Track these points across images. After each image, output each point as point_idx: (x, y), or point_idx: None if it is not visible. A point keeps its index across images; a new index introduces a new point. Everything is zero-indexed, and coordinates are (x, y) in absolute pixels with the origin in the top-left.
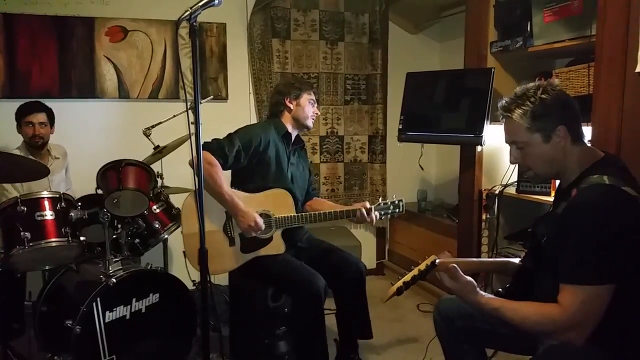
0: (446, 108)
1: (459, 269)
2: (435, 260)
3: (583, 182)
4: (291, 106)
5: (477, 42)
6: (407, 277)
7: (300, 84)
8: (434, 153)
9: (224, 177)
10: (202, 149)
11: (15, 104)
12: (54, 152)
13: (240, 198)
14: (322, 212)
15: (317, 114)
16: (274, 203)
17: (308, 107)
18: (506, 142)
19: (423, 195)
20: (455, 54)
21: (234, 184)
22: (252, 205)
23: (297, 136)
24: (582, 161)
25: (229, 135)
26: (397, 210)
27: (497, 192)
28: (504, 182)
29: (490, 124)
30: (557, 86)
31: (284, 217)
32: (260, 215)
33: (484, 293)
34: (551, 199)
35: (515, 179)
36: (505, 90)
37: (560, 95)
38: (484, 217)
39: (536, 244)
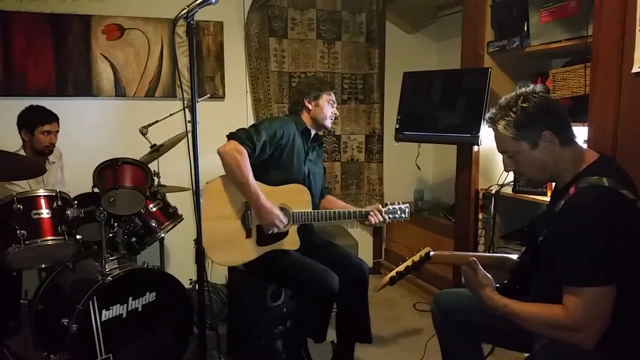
0: (443, 108)
1: (478, 263)
2: (429, 252)
3: (581, 181)
4: (310, 107)
5: (474, 42)
6: (401, 268)
7: (321, 85)
8: (430, 153)
9: (250, 168)
10: (230, 139)
11: (11, 103)
12: (51, 158)
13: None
14: (338, 210)
15: (335, 114)
16: (292, 198)
17: (327, 108)
18: (498, 151)
19: (420, 195)
20: (452, 54)
21: (254, 175)
22: (271, 198)
23: (316, 134)
24: (576, 162)
25: (254, 125)
26: (404, 215)
27: (493, 191)
28: (500, 182)
29: (486, 126)
30: (540, 92)
31: (302, 212)
32: (279, 209)
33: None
34: (547, 198)
35: (512, 179)
36: (501, 90)
37: (543, 101)
38: (480, 216)
39: (533, 241)
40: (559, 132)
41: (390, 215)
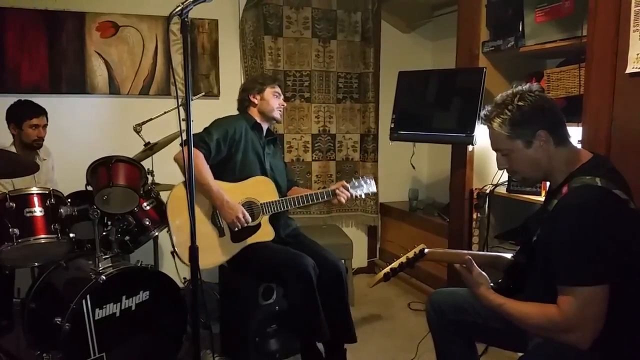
0: (438, 107)
1: (473, 261)
2: (423, 249)
3: (574, 181)
4: (255, 101)
5: (469, 41)
6: (395, 264)
7: (264, 79)
8: (425, 152)
9: (209, 169)
10: (183, 145)
11: (4, 99)
12: (41, 154)
13: (224, 189)
14: (306, 194)
15: (283, 105)
16: (257, 190)
17: (273, 100)
18: (492, 149)
19: (414, 194)
20: (447, 53)
21: (215, 176)
22: (237, 194)
23: (268, 129)
24: (570, 162)
25: (205, 129)
26: (371, 189)
27: (487, 191)
28: (494, 182)
29: (481, 123)
30: (536, 91)
31: (270, 202)
32: (246, 203)
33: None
34: (541, 198)
35: (506, 178)
36: (496, 90)
37: (539, 100)
38: (474, 216)
39: (527, 240)
40: (553, 132)
41: (358, 190)
